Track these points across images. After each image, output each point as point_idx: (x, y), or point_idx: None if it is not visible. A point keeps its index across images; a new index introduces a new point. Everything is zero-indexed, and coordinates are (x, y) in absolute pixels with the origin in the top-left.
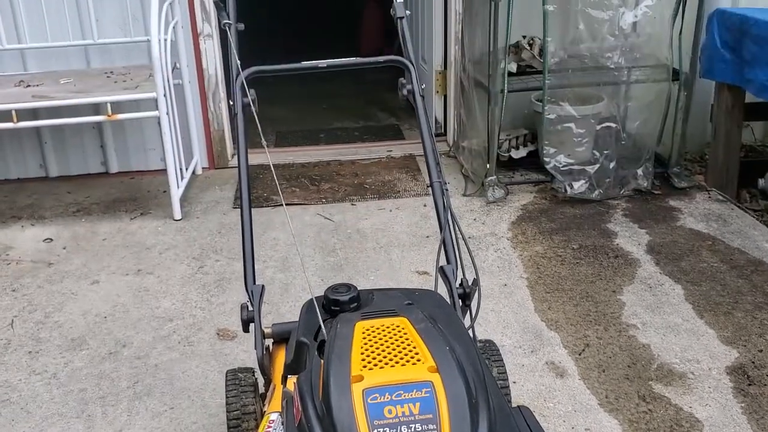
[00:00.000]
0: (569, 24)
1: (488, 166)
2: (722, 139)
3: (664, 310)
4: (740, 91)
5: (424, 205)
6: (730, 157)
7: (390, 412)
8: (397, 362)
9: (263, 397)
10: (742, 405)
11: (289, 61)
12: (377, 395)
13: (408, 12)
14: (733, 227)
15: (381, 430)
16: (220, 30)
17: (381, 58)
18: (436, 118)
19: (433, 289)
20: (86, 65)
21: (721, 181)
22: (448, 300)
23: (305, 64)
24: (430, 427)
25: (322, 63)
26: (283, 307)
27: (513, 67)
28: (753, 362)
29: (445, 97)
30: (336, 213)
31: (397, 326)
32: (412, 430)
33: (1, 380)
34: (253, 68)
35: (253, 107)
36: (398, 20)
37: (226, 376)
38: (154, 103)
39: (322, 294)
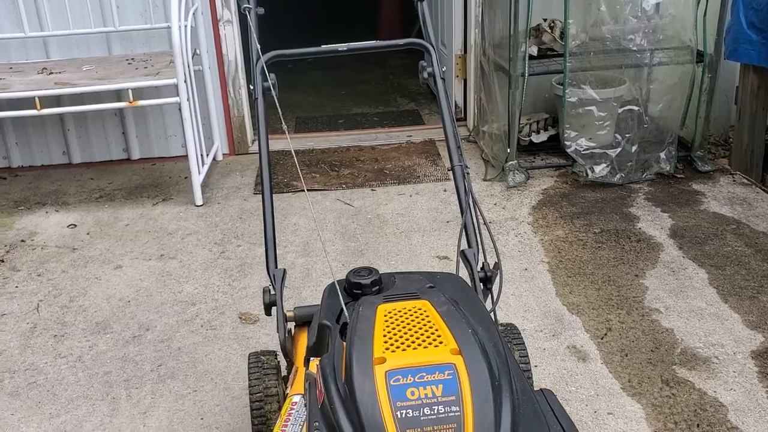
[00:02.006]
0: (591, 6)
1: (509, 150)
2: (747, 122)
3: (688, 294)
4: (767, 72)
5: (444, 190)
6: (756, 140)
7: (413, 393)
8: (419, 344)
9: (285, 379)
10: None
11: (308, 41)
12: (400, 377)
13: None
14: (758, 211)
15: (404, 411)
16: (240, 14)
17: (401, 41)
18: (456, 102)
19: (455, 273)
20: (108, 52)
21: (745, 165)
22: (469, 283)
23: (325, 47)
24: (453, 408)
25: (342, 46)
26: (305, 291)
27: (534, 51)
28: None
29: (465, 81)
30: (356, 198)
31: (419, 309)
32: (435, 411)
33: (27, 363)
34: (273, 52)
35: (273, 92)
36: (418, 3)
37: (249, 359)
38: (174, 90)
39: (344, 278)
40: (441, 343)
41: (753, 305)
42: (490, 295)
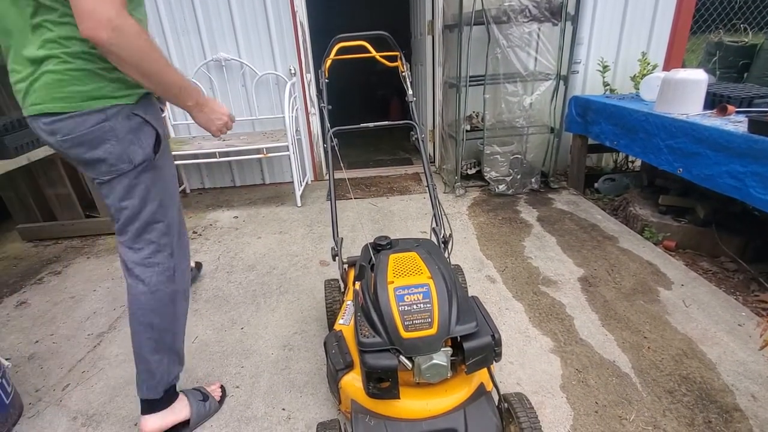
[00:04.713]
0: (497, 104)
1: (456, 177)
2: (576, 162)
3: (546, 249)
4: (585, 137)
5: (424, 198)
6: (580, 172)
7: (407, 298)
8: (410, 274)
9: (343, 293)
10: (586, 296)
11: (354, 123)
12: (401, 290)
13: (414, 98)
14: (581, 207)
15: (403, 307)
16: (319, 109)
17: (401, 122)
18: (429, 153)
19: (429, 238)
20: (253, 129)
21: (575, 184)
22: (437, 244)
23: (362, 124)
24: (427, 306)
25: (371, 124)
26: (353, 249)
27: (468, 127)
28: (591, 275)
29: (433, 142)
30: (378, 202)
31: (411, 256)
32: (418, 307)
33: (214, 286)
34: (336, 127)
35: (336, 147)
36: (410, 103)
37: (325, 283)
38: (287, 148)
39: (372, 241)
40: (421, 273)
41: (578, 254)
42: (446, 250)
